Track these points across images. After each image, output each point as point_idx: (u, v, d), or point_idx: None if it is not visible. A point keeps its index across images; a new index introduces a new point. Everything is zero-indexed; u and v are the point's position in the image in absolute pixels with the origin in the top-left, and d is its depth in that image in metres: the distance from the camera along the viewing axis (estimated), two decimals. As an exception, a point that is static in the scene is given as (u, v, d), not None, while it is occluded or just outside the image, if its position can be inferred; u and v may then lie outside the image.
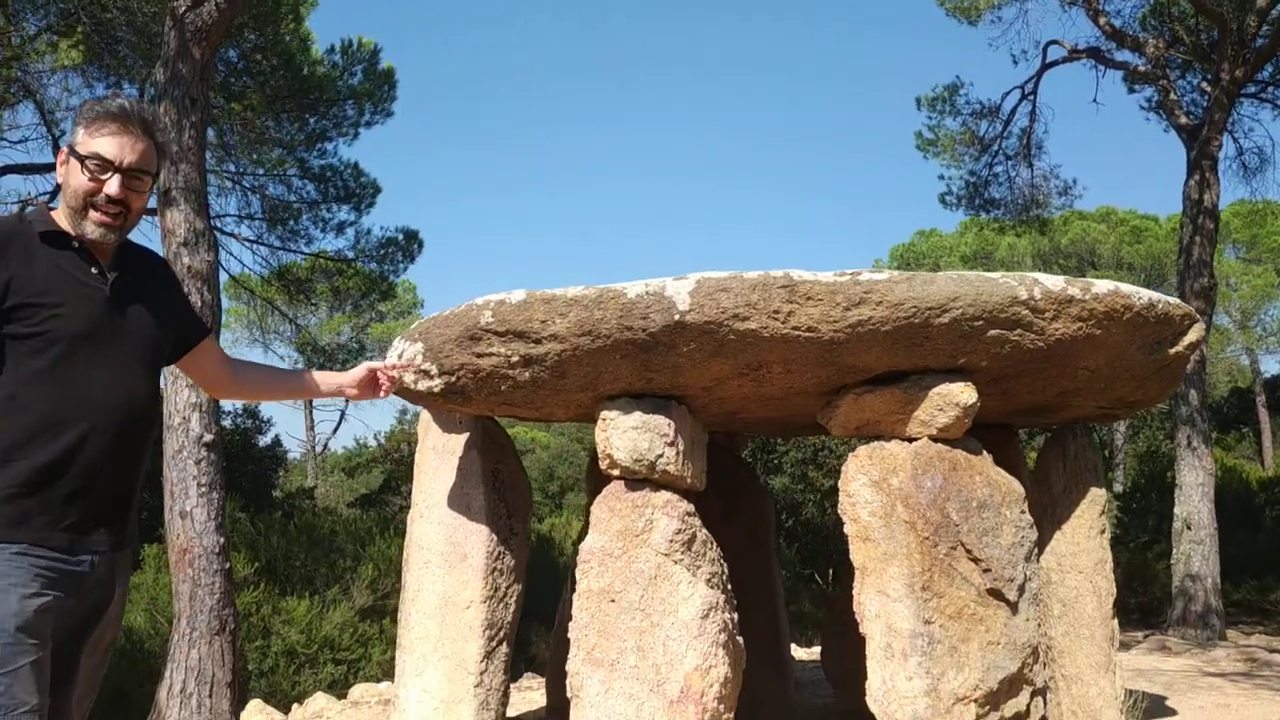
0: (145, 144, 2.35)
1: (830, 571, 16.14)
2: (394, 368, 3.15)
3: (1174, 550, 10.13)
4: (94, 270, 2.33)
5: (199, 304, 7.85)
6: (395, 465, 18.60)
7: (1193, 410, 10.11)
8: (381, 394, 3.05)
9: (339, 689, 8.02)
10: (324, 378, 2.92)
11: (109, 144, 2.30)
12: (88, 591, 2.25)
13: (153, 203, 11.07)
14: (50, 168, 12.19)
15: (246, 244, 12.64)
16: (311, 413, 28.15)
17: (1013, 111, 13.14)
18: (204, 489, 6.67)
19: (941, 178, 13.99)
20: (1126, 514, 14.52)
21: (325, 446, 29.77)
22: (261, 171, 12.40)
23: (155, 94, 9.48)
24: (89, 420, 2.24)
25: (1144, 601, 11.98)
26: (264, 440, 16.13)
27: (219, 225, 11.72)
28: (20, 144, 11.75)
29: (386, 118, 12.51)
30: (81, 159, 2.30)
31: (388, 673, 10.06)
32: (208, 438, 6.98)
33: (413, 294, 25.41)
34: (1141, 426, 20.59)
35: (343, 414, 29.25)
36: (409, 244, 13.79)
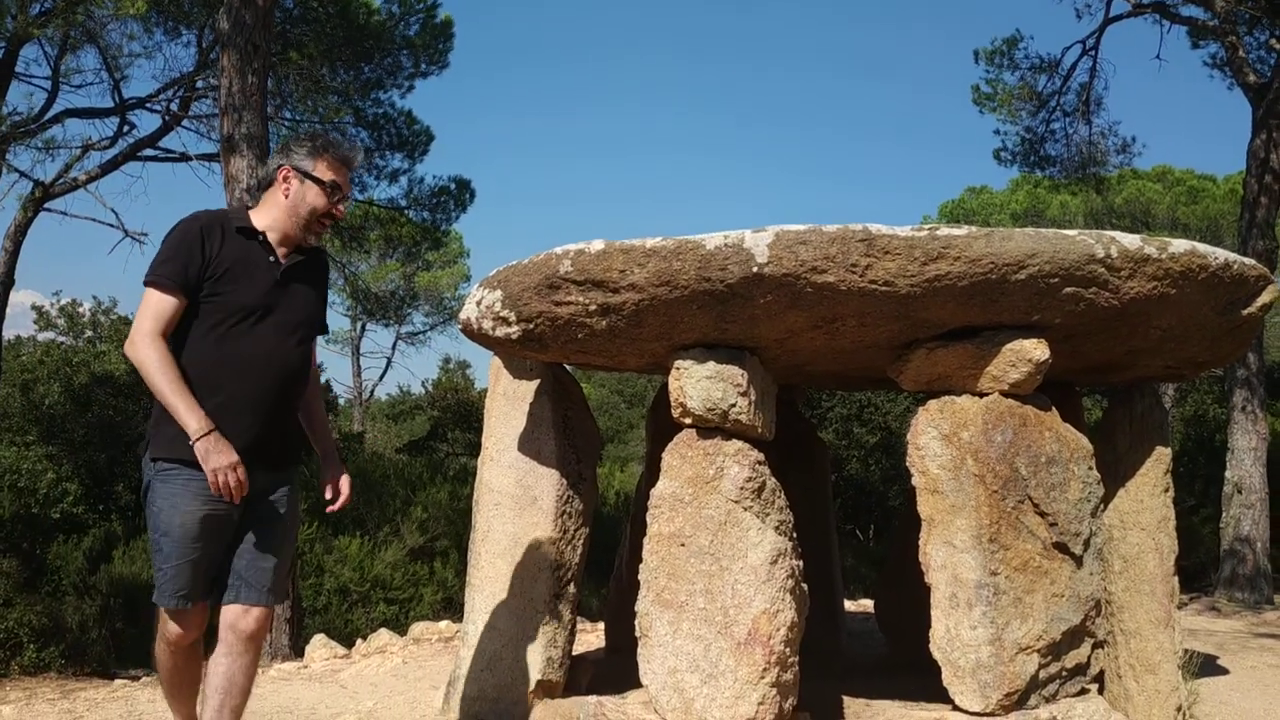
0: (350, 173, 3.22)
1: (871, 528, 16.24)
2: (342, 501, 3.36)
3: (1224, 514, 10.10)
4: (271, 259, 3.06)
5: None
6: (442, 412, 18.86)
7: (1250, 374, 10.03)
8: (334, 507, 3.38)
9: (391, 627, 8.24)
10: (321, 448, 3.38)
11: (342, 176, 3.15)
12: (251, 498, 2.93)
13: (215, 149, 11.24)
14: (110, 112, 12.38)
15: (302, 191, 12.77)
16: (358, 359, 28.55)
17: (1073, 67, 12.94)
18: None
19: (997, 133, 13.84)
20: (1173, 478, 14.42)
21: (371, 393, 30.18)
22: (317, 119, 12.51)
23: (216, 40, 9.57)
24: (244, 373, 2.93)
25: (1190, 565, 11.96)
26: (315, 385, 16.40)
27: (276, 172, 11.84)
28: (82, 88, 11.95)
29: (442, 69, 12.54)
30: (320, 183, 3.09)
31: (439, 613, 10.31)
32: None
33: (459, 243, 25.55)
34: (1190, 391, 20.36)
35: (389, 361, 29.66)
36: (460, 193, 13.89)
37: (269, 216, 3.11)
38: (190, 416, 2.80)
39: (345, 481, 3.33)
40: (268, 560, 3.06)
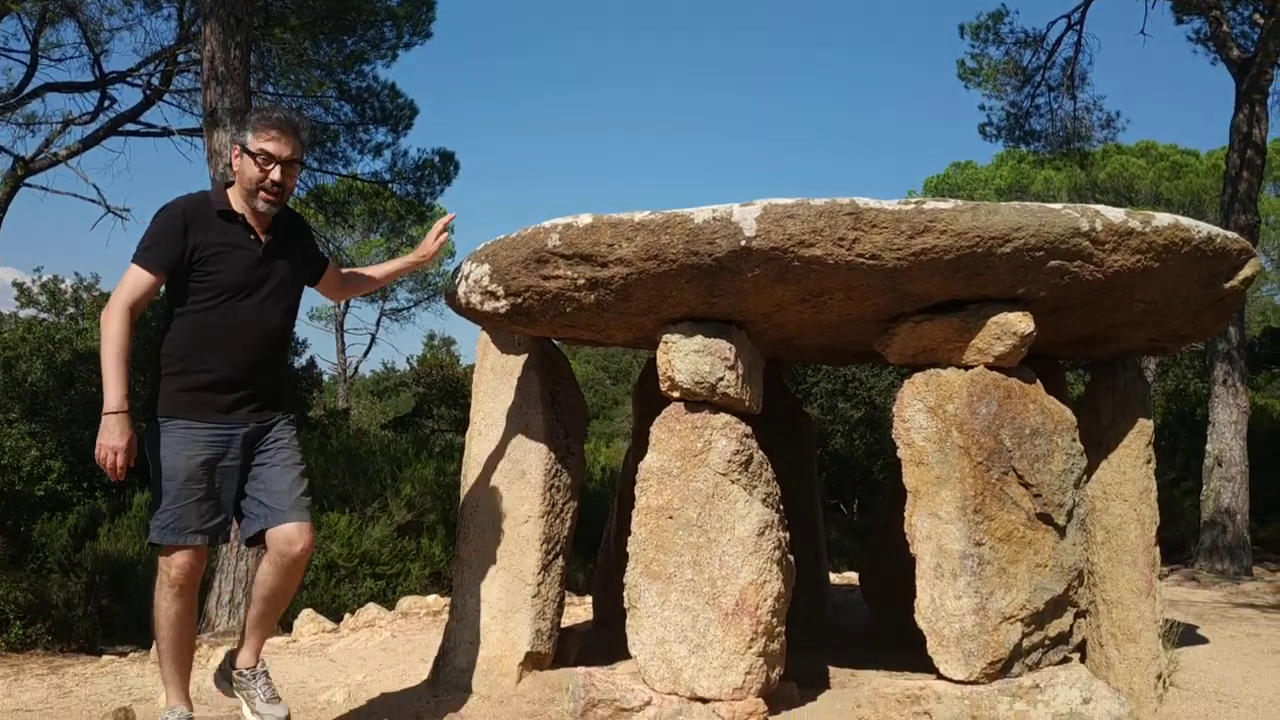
0: (295, 141, 3.36)
1: (855, 502, 16.34)
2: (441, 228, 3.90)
3: (1204, 487, 10.21)
4: (251, 237, 3.34)
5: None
6: (428, 389, 18.84)
7: (1231, 347, 10.11)
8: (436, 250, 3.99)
9: (379, 602, 8.26)
10: (403, 261, 3.93)
11: (271, 144, 3.30)
12: (248, 440, 3.32)
13: (197, 124, 11.15)
14: (90, 86, 12.27)
15: (285, 165, 12.69)
16: (342, 336, 28.43)
17: (1057, 42, 12.93)
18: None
19: (982, 108, 13.82)
20: (1154, 451, 14.56)
21: (355, 370, 30.09)
22: (300, 93, 12.41)
23: (198, 13, 9.47)
24: (234, 341, 3.26)
25: (1170, 538, 12.08)
26: (300, 362, 16.37)
27: (258, 146, 11.76)
28: (62, 62, 11.82)
29: (425, 39, 12.45)
30: (252, 155, 3.29)
31: (426, 588, 10.35)
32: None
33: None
34: (1171, 365, 20.50)
35: (373, 338, 29.57)
36: (445, 166, 13.83)
37: (237, 196, 3.37)
38: (112, 393, 3.10)
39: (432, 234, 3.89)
40: (283, 483, 3.35)
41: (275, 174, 3.30)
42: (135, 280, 3.18)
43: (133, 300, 3.16)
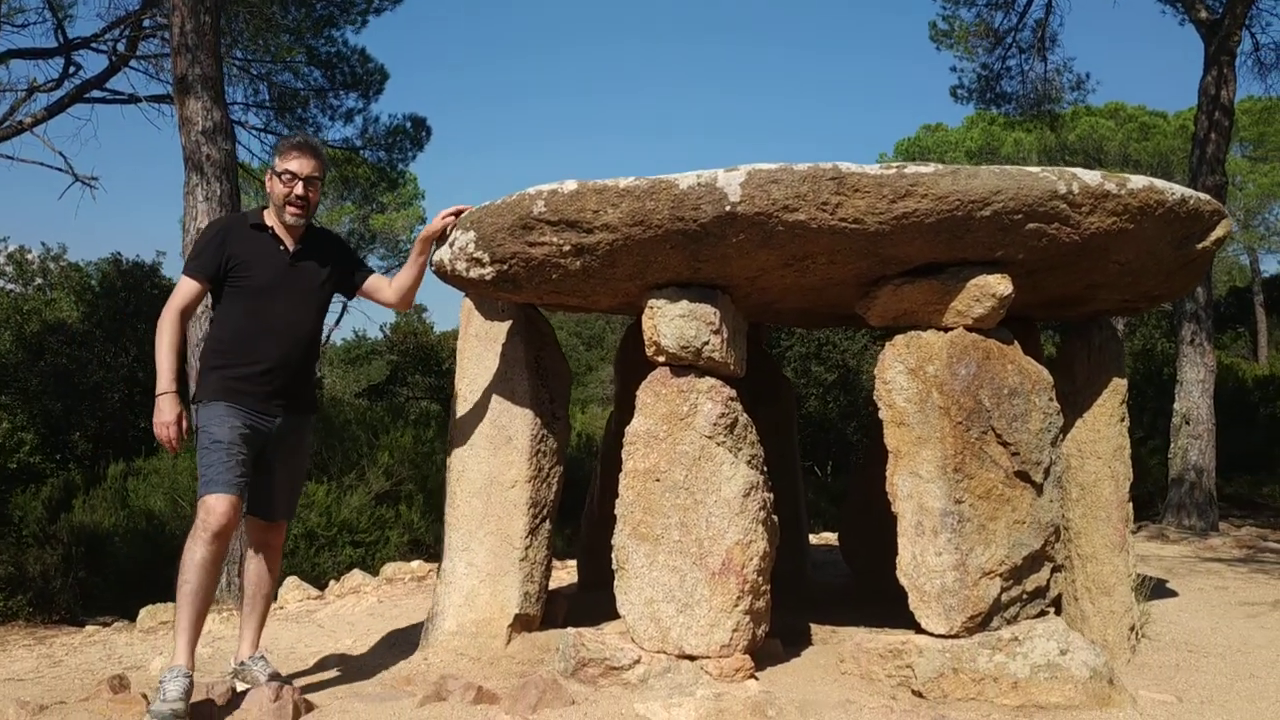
0: (315, 160, 3.85)
1: (830, 464, 16.50)
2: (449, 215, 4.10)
3: (1172, 444, 10.39)
4: (280, 248, 3.82)
5: (218, 193, 7.90)
6: (401, 356, 18.76)
7: (1199, 307, 10.26)
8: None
9: (360, 570, 8.29)
10: (420, 248, 4.04)
11: (294, 163, 3.78)
12: (276, 436, 3.77)
13: (165, 90, 10.99)
14: (54, 52, 12.05)
15: (255, 133, 12.56)
16: (314, 304, 28.13)
17: (1029, 3, 12.97)
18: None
19: (954, 69, 13.86)
20: (1126, 412, 14.79)
21: (328, 338, 29.88)
22: (269, 59, 12.25)
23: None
24: (267, 339, 3.72)
25: (1138, 495, 12.30)
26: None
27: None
28: (25, 28, 11.59)
29: (395, 3, 12.30)
30: (279, 175, 3.78)
31: (406, 555, 10.38)
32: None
33: (414, 185, 25.21)
34: (1139, 325, 20.78)
35: (345, 306, 29.32)
36: (417, 132, 13.72)
37: (271, 214, 3.87)
38: (162, 378, 3.60)
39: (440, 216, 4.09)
40: (284, 487, 3.91)
41: (299, 189, 3.78)
42: (183, 288, 3.74)
43: (183, 306, 3.70)
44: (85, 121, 37.07)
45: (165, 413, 3.56)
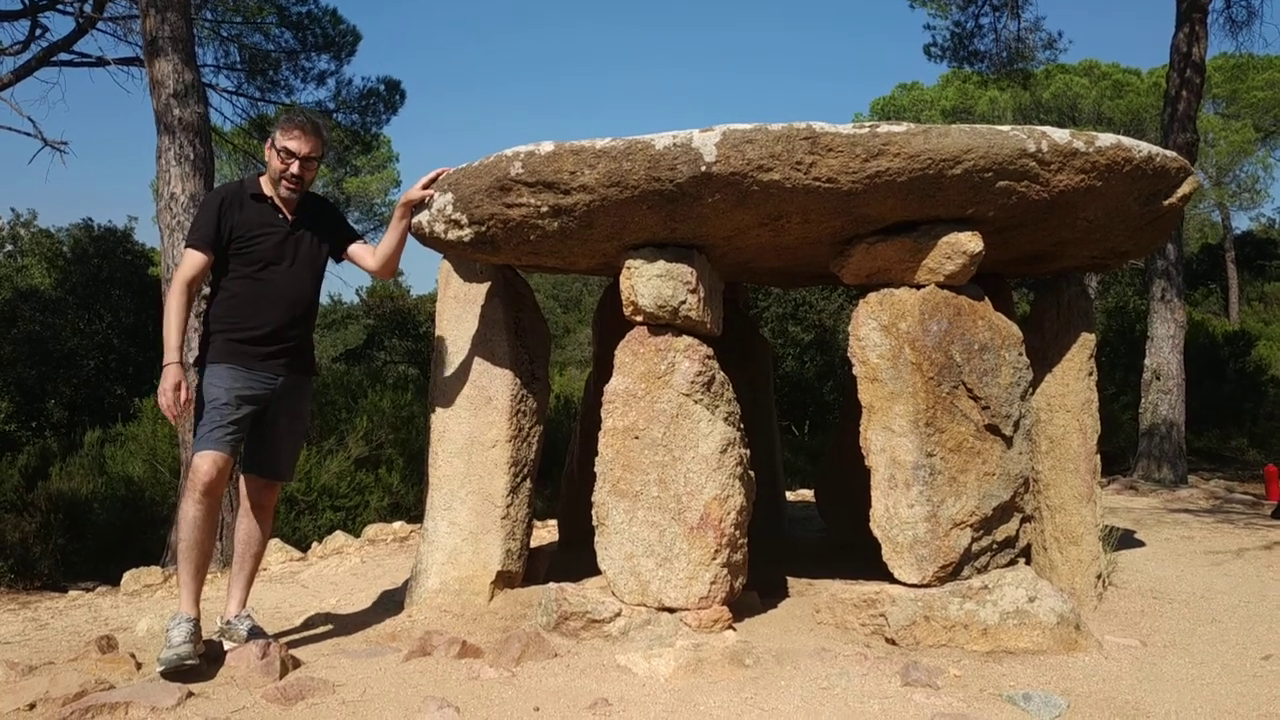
0: (315, 140, 3.94)
1: (807, 423, 16.66)
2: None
3: (1142, 399, 10.56)
4: (280, 217, 3.94)
5: (190, 156, 7.84)
6: (378, 320, 18.73)
7: (1169, 264, 10.40)
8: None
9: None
10: (400, 213, 4.05)
11: (294, 142, 3.87)
12: (277, 395, 3.91)
13: (134, 53, 10.84)
14: (19, 14, 11.84)
15: (226, 95, 12.42)
16: (289, 269, 27.95)
17: (1002, -40, 12.97)
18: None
19: (928, 27, 13.90)
20: (1095, 365, 14.98)
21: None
22: (240, 20, 12.10)
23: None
24: (269, 304, 3.87)
25: (1109, 450, 12.52)
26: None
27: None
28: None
29: (366, -36, 12.14)
30: (277, 150, 3.87)
31: (386, 518, 10.44)
32: (205, 291, 7.08)
33: (388, 148, 25.01)
34: (1111, 283, 20.98)
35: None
36: (390, 94, 13.62)
37: (268, 182, 3.97)
38: (168, 349, 3.68)
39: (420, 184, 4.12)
40: (284, 445, 4.05)
41: (294, 168, 3.88)
42: (189, 260, 3.82)
43: (190, 278, 3.78)
44: (53, 84, 36.54)
45: (167, 379, 3.66)
